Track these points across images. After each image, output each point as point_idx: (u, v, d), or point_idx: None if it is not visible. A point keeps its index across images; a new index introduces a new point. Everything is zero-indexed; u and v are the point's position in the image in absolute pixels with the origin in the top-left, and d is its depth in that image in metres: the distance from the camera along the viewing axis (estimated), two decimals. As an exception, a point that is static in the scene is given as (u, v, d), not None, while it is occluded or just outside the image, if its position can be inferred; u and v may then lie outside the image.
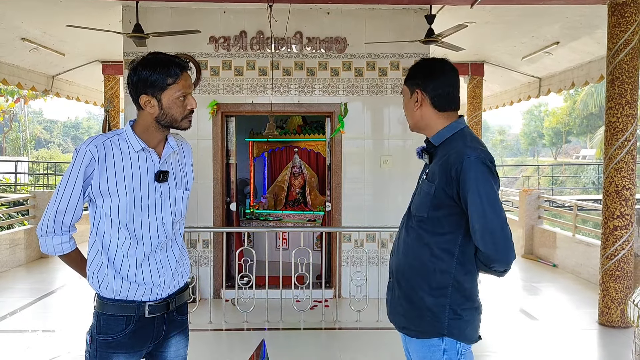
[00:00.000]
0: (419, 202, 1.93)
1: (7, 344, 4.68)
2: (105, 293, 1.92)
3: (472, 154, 1.80)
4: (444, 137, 1.93)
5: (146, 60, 1.88)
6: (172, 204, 2.00)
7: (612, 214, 4.96)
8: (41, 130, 42.76)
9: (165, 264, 1.99)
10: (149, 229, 1.94)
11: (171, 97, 1.88)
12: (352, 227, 5.77)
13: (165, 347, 2.04)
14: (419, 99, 1.96)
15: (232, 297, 5.58)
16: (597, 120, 31.63)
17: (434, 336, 1.88)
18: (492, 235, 1.77)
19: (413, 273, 1.92)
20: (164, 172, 1.95)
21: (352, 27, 5.88)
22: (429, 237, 1.89)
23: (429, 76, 1.96)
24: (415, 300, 1.91)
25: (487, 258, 1.82)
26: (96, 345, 1.92)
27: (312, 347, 4.68)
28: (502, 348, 4.49)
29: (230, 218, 6.26)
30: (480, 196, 1.76)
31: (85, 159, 1.84)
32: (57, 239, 1.93)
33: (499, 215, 1.78)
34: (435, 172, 1.88)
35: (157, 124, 1.92)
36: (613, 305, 5.01)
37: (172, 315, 2.03)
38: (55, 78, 9.01)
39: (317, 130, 7.41)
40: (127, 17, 5.68)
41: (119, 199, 1.87)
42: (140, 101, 1.89)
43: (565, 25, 6.26)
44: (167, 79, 1.85)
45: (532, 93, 9.26)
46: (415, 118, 2.00)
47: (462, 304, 1.88)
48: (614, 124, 4.92)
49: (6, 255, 7.44)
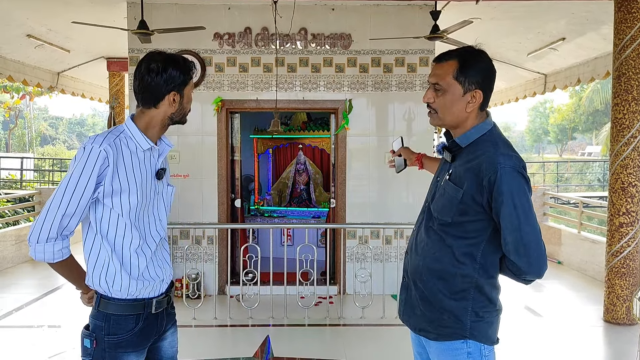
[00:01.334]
0: (443, 205, 1.83)
1: (14, 340, 4.72)
2: (116, 294, 1.91)
3: (507, 163, 1.71)
4: (471, 139, 1.82)
5: (171, 58, 1.94)
6: (165, 200, 2.06)
7: (617, 211, 4.94)
8: (46, 127, 42.87)
9: (162, 259, 2.04)
10: (150, 227, 1.98)
11: (189, 91, 2.00)
12: (357, 224, 5.77)
13: (162, 340, 2.08)
14: (476, 99, 1.81)
15: (237, 294, 5.59)
16: (602, 117, 31.47)
17: (457, 339, 1.83)
18: (526, 249, 1.70)
19: (432, 276, 1.85)
20: (162, 169, 2.00)
21: (356, 23, 5.87)
22: (451, 240, 1.81)
23: (489, 77, 1.82)
24: (434, 303, 1.85)
25: (519, 270, 1.75)
26: (104, 346, 1.90)
27: (317, 344, 4.68)
28: (507, 345, 4.48)
29: (234, 214, 6.27)
30: (516, 209, 1.69)
31: (100, 157, 1.79)
32: (59, 244, 1.83)
33: (534, 229, 1.71)
34: (462, 175, 1.78)
35: (168, 120, 1.98)
36: (618, 303, 4.99)
37: (168, 308, 2.08)
38: (60, 75, 9.03)
39: (322, 127, 7.41)
40: (132, 14, 5.68)
41: (129, 197, 1.87)
42: (167, 98, 1.93)
43: (571, 21, 6.23)
44: (188, 75, 1.96)
45: (538, 89, 9.21)
46: (461, 117, 1.84)
47: (484, 306, 1.83)
48: (620, 120, 4.89)
49: (12, 251, 7.48)
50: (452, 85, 1.81)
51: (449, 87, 1.81)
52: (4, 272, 7.13)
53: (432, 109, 1.88)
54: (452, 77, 1.81)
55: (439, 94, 1.84)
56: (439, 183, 1.91)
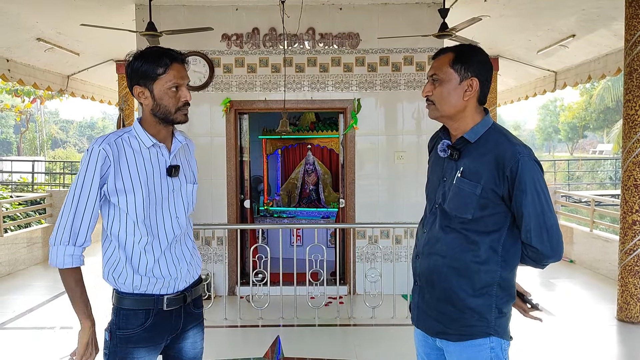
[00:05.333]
0: (461, 203, 1.83)
1: (26, 341, 4.76)
2: (123, 288, 1.94)
3: (524, 152, 1.77)
4: (479, 134, 1.86)
5: (139, 52, 1.93)
6: (184, 198, 2.03)
7: (630, 209, 4.88)
8: (57, 130, 43.23)
9: (180, 257, 2.01)
10: (164, 224, 1.96)
11: (162, 87, 1.90)
12: (366, 224, 5.75)
13: (183, 340, 2.06)
14: (473, 87, 1.84)
15: (247, 294, 5.59)
16: (614, 114, 31.19)
17: (480, 337, 1.83)
18: (549, 232, 1.77)
19: (454, 274, 1.85)
20: (175, 166, 1.98)
21: (364, 22, 5.85)
22: (475, 236, 1.82)
23: (484, 66, 1.86)
24: (456, 302, 1.84)
25: (541, 255, 1.80)
26: (116, 340, 1.93)
27: (327, 344, 4.67)
28: (520, 344, 4.44)
29: (244, 215, 6.28)
30: (539, 195, 1.76)
31: (100, 157, 1.83)
32: (70, 250, 1.85)
33: (554, 213, 1.80)
34: (477, 170, 1.80)
35: (153, 116, 1.93)
36: (632, 301, 4.93)
37: (189, 308, 2.05)
38: (70, 78, 9.09)
39: (330, 127, 7.40)
40: (140, 16, 5.71)
41: (134, 196, 1.88)
42: (134, 92, 1.93)
43: (582, 18, 6.17)
44: (157, 69, 1.89)
45: (548, 87, 9.14)
46: (458, 107, 1.86)
47: (506, 302, 1.86)
48: (632, 116, 4.83)
49: (24, 253, 7.53)
50: (448, 73, 1.85)
51: (446, 76, 1.86)
52: (16, 274, 7.19)
53: (430, 102, 1.91)
54: (448, 66, 1.86)
55: (437, 85, 1.88)
56: (447, 182, 1.90)
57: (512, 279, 1.88)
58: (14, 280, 6.91)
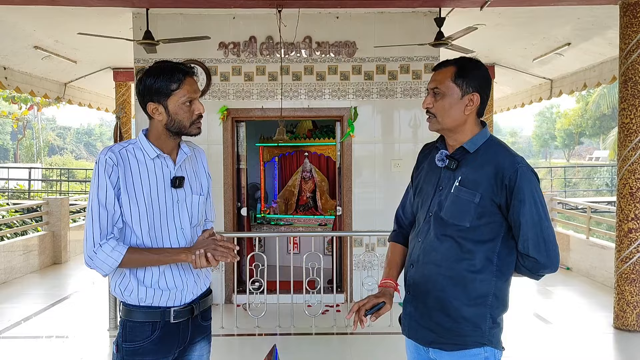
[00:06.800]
0: (458, 211, 1.84)
1: (22, 350, 4.72)
2: (130, 300, 1.93)
3: (523, 163, 1.81)
4: (478, 144, 1.89)
5: (150, 68, 1.92)
6: (189, 209, 2.00)
7: (626, 217, 4.90)
8: (54, 137, 43.19)
9: (186, 268, 1.98)
10: (169, 235, 1.95)
11: (177, 102, 1.91)
12: (363, 231, 5.75)
13: (189, 352, 2.05)
14: (474, 102, 1.87)
15: (244, 302, 5.58)
16: (610, 121, 31.34)
17: (475, 346, 1.84)
18: (546, 243, 1.79)
19: (449, 283, 1.85)
20: (179, 177, 1.97)
21: (361, 31, 5.88)
22: (471, 245, 1.83)
23: (485, 82, 1.90)
24: (451, 312, 1.85)
25: (538, 265, 1.81)
26: (122, 353, 1.92)
27: (324, 352, 4.66)
28: (517, 352, 4.44)
29: (241, 223, 6.27)
30: (537, 205, 1.78)
31: (108, 165, 1.85)
32: (107, 248, 1.84)
33: (551, 223, 1.83)
34: (476, 179, 1.83)
35: (167, 131, 1.94)
36: (629, 309, 4.93)
37: (197, 320, 2.03)
38: (67, 85, 9.10)
39: (327, 135, 7.42)
40: (137, 24, 5.72)
41: (138, 207, 1.89)
42: (147, 109, 1.92)
43: (577, 26, 6.21)
44: (171, 84, 1.88)
45: (544, 95, 9.19)
46: (459, 120, 1.88)
47: (500, 312, 1.87)
48: (627, 125, 4.86)
49: (20, 261, 7.50)
50: (450, 88, 1.87)
51: (448, 90, 1.87)
52: (12, 282, 7.15)
53: (431, 114, 1.92)
54: (450, 81, 1.86)
55: (438, 98, 1.89)
56: (443, 191, 1.90)
57: (506, 288, 1.89)
58: (9, 288, 6.87)
